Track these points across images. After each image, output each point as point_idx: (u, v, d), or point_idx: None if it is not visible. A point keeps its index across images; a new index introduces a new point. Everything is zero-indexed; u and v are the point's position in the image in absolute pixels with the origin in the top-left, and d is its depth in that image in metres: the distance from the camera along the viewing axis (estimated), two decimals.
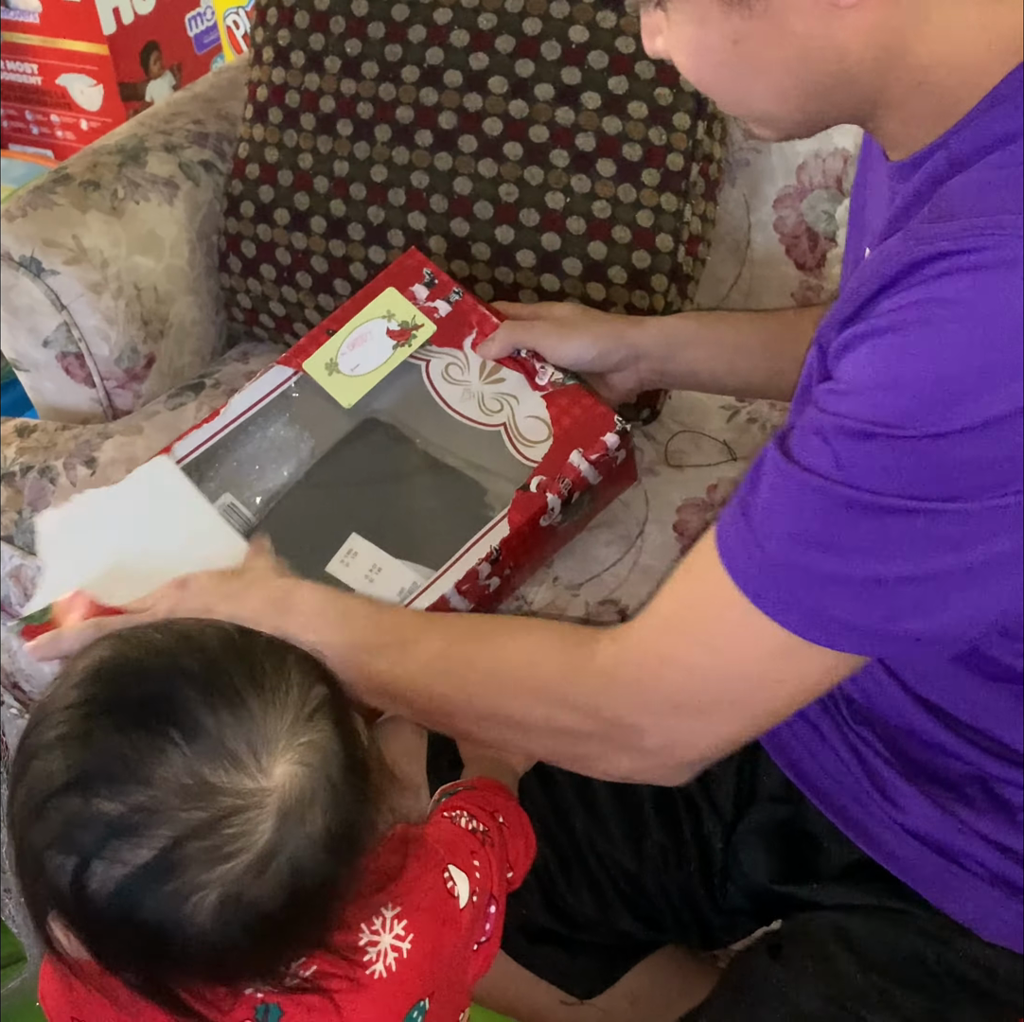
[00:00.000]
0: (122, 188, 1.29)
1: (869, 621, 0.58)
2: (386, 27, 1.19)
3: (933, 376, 0.53)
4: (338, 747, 0.57)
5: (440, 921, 0.65)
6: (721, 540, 0.62)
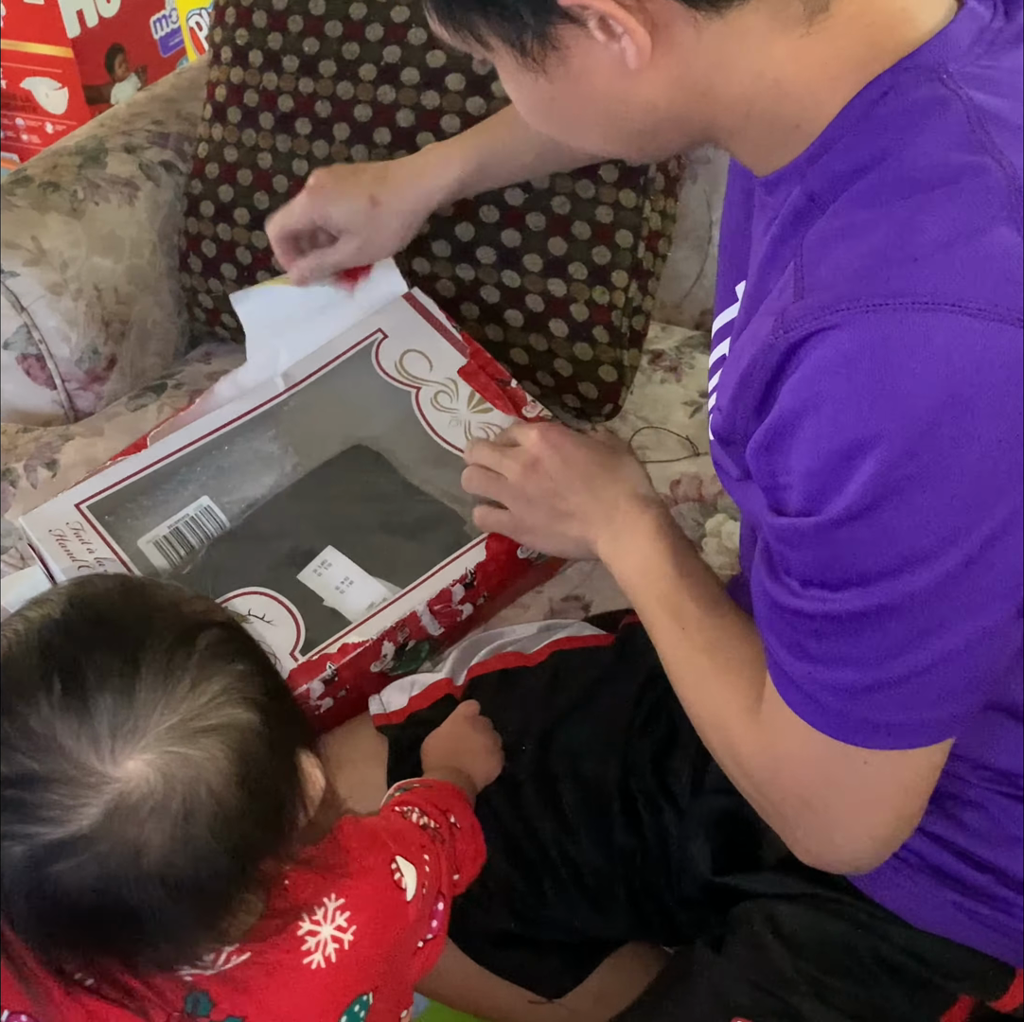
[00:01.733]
0: (82, 189, 1.28)
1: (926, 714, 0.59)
2: (344, 26, 1.19)
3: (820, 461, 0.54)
4: (219, 780, 0.52)
5: (386, 913, 0.64)
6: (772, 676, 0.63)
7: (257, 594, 0.91)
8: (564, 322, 1.17)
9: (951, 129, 0.54)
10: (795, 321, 0.54)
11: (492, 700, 0.90)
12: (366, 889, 0.63)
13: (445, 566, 0.92)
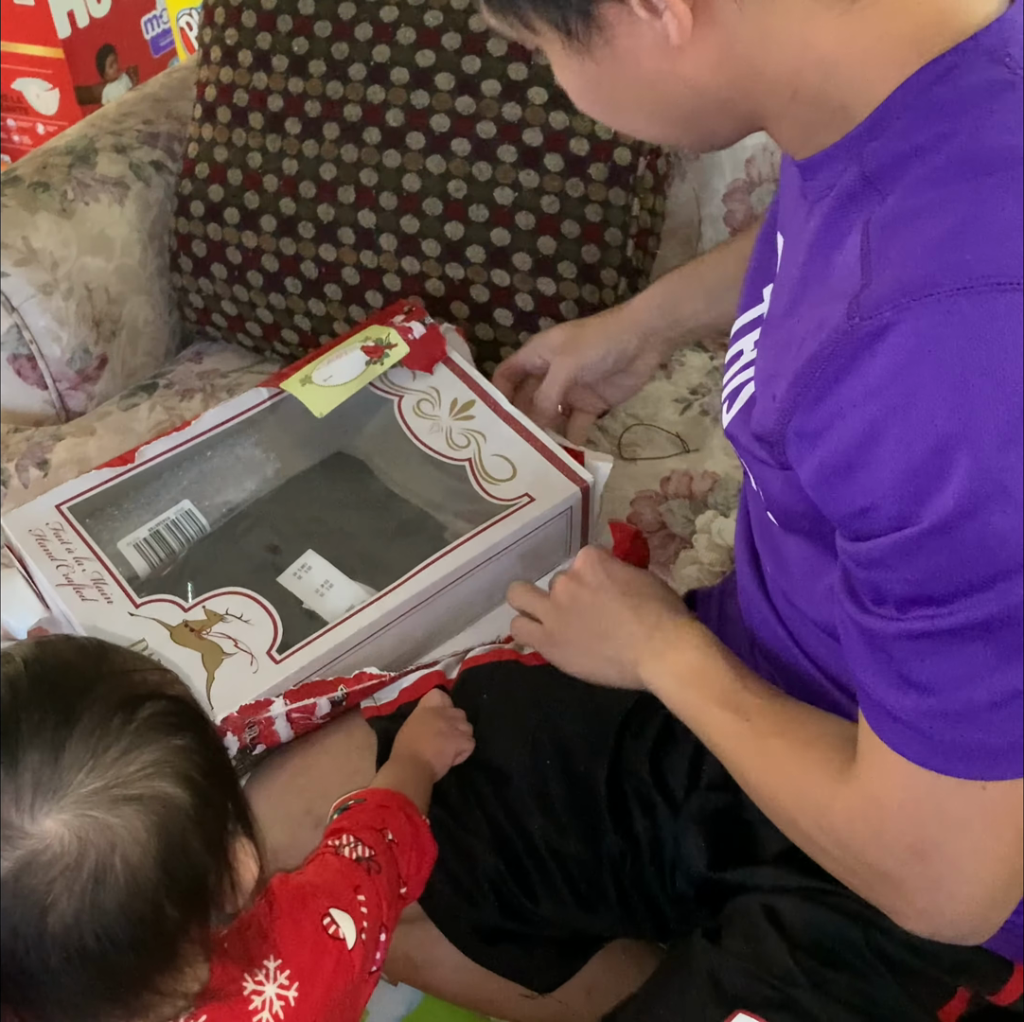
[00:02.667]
0: (72, 189, 1.28)
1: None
2: (333, 25, 1.19)
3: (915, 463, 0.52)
4: (138, 854, 0.51)
5: (327, 967, 0.64)
6: (869, 719, 0.61)
7: (236, 594, 0.91)
8: (554, 321, 1.17)
9: (1016, 112, 0.54)
10: (873, 308, 0.52)
11: (483, 690, 0.91)
12: (300, 947, 0.63)
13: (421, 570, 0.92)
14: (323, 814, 0.84)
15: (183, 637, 0.88)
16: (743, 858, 0.81)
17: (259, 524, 1.02)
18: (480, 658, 0.93)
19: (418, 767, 0.83)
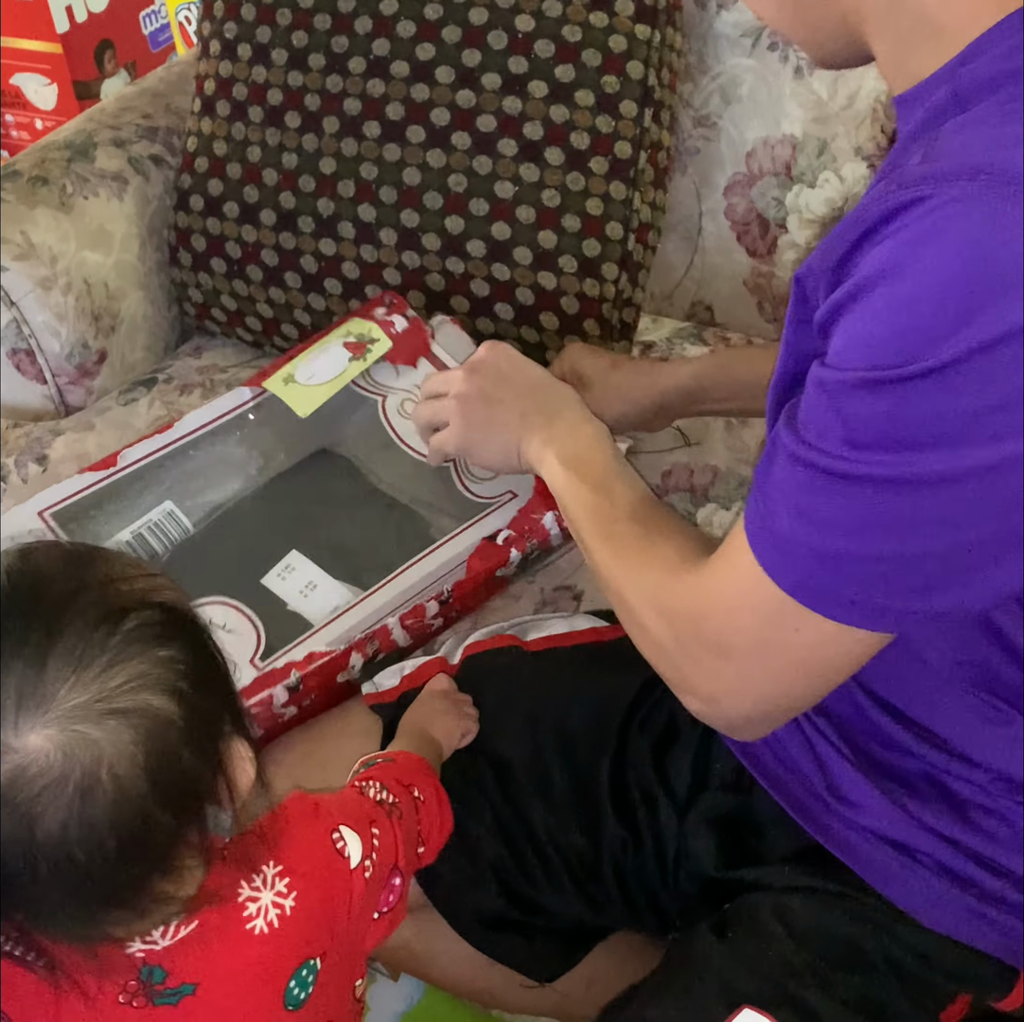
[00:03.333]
0: (71, 183, 1.28)
1: (887, 600, 0.59)
2: (332, 19, 1.19)
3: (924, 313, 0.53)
4: (125, 765, 0.51)
5: (328, 880, 0.63)
6: (747, 514, 0.63)
7: (216, 604, 0.90)
8: (555, 315, 1.17)
9: None
10: (914, 181, 0.53)
11: (485, 676, 0.91)
12: (304, 856, 0.62)
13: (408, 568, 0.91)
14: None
15: None
16: (752, 859, 0.81)
17: (242, 524, 1.01)
18: (482, 644, 0.93)
19: (428, 745, 0.83)
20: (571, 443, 0.83)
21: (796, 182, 1.25)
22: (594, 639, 0.93)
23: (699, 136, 1.27)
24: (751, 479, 1.17)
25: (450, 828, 0.79)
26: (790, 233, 1.26)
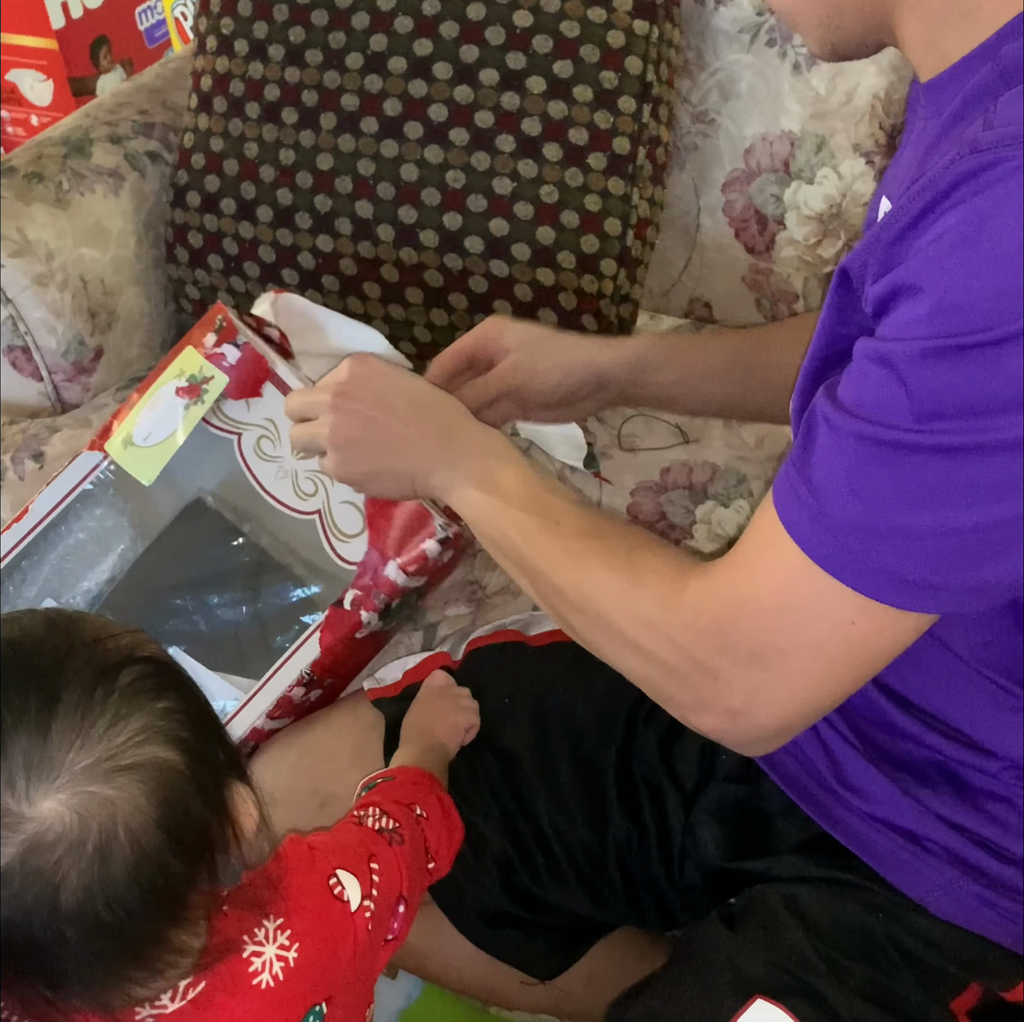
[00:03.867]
0: (67, 180, 1.28)
1: (945, 577, 0.56)
2: (330, 14, 1.19)
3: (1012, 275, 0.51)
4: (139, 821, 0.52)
5: (328, 927, 0.64)
6: (781, 505, 0.59)
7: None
8: (553, 311, 1.17)
9: None
10: (989, 143, 0.52)
11: (489, 671, 0.90)
12: (304, 905, 0.63)
13: (279, 669, 0.87)
14: (329, 794, 0.85)
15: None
16: (760, 849, 0.80)
17: (123, 615, 0.92)
18: (485, 639, 0.93)
19: (434, 749, 0.83)
20: (479, 463, 0.75)
21: (794, 178, 1.25)
22: None
23: (697, 132, 1.27)
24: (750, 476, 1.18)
25: (460, 835, 0.79)
26: (788, 230, 1.26)
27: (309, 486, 0.89)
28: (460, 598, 1.08)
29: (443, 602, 1.08)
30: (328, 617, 0.86)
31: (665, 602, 0.64)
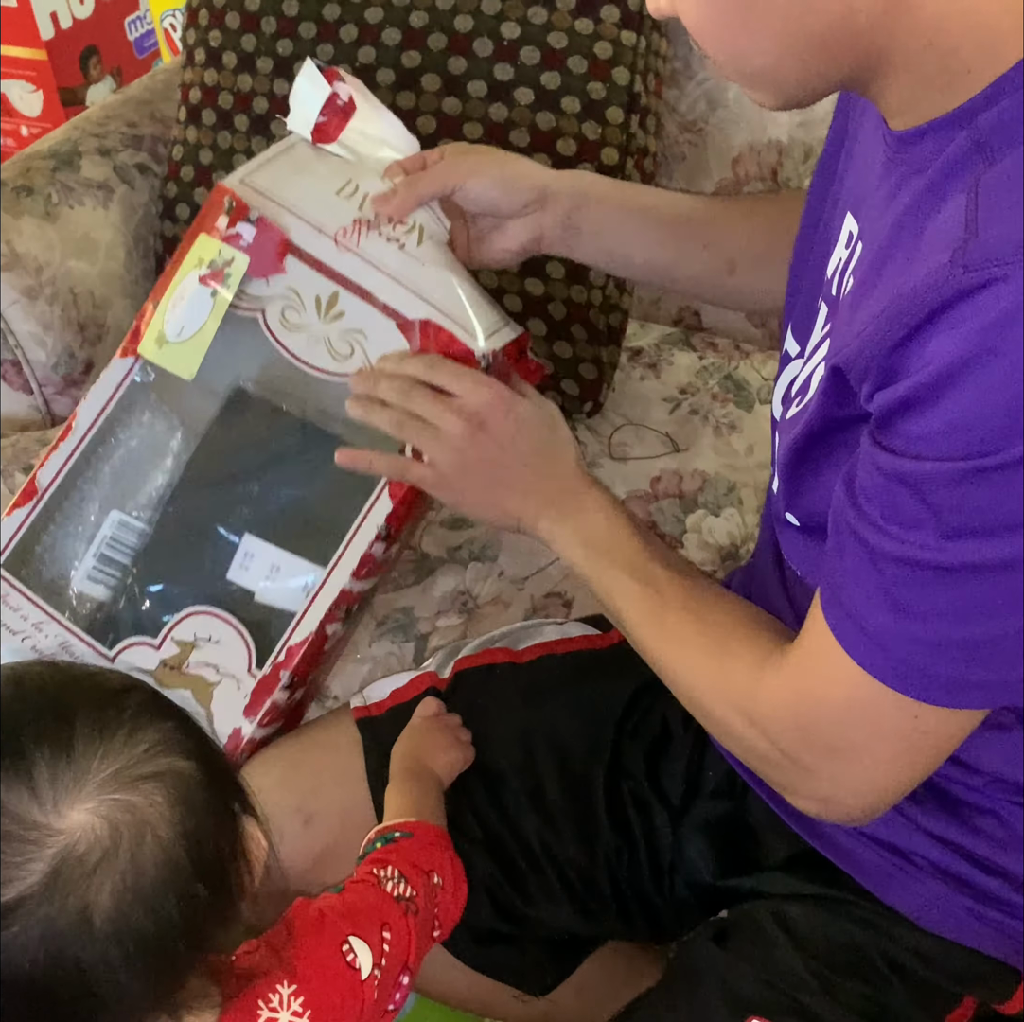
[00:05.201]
0: (56, 193, 1.28)
1: (996, 676, 0.59)
2: (317, 27, 1.19)
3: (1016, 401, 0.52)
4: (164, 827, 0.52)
5: (340, 994, 0.64)
6: (830, 617, 0.62)
7: (198, 614, 0.88)
8: (543, 321, 1.17)
9: None
10: (979, 262, 0.52)
11: (477, 694, 0.90)
12: (316, 972, 0.63)
13: (356, 531, 0.86)
14: (313, 811, 0.84)
15: (168, 678, 0.87)
16: (749, 865, 0.81)
17: (190, 513, 0.93)
18: (472, 659, 0.93)
19: (437, 789, 0.83)
20: (589, 518, 0.77)
21: (782, 187, 1.25)
22: (586, 646, 0.93)
23: (685, 142, 1.28)
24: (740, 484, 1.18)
25: (465, 895, 0.79)
26: None
27: (344, 347, 0.86)
28: (451, 609, 1.08)
29: (435, 613, 1.08)
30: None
31: (752, 696, 0.67)
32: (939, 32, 0.57)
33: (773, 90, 0.63)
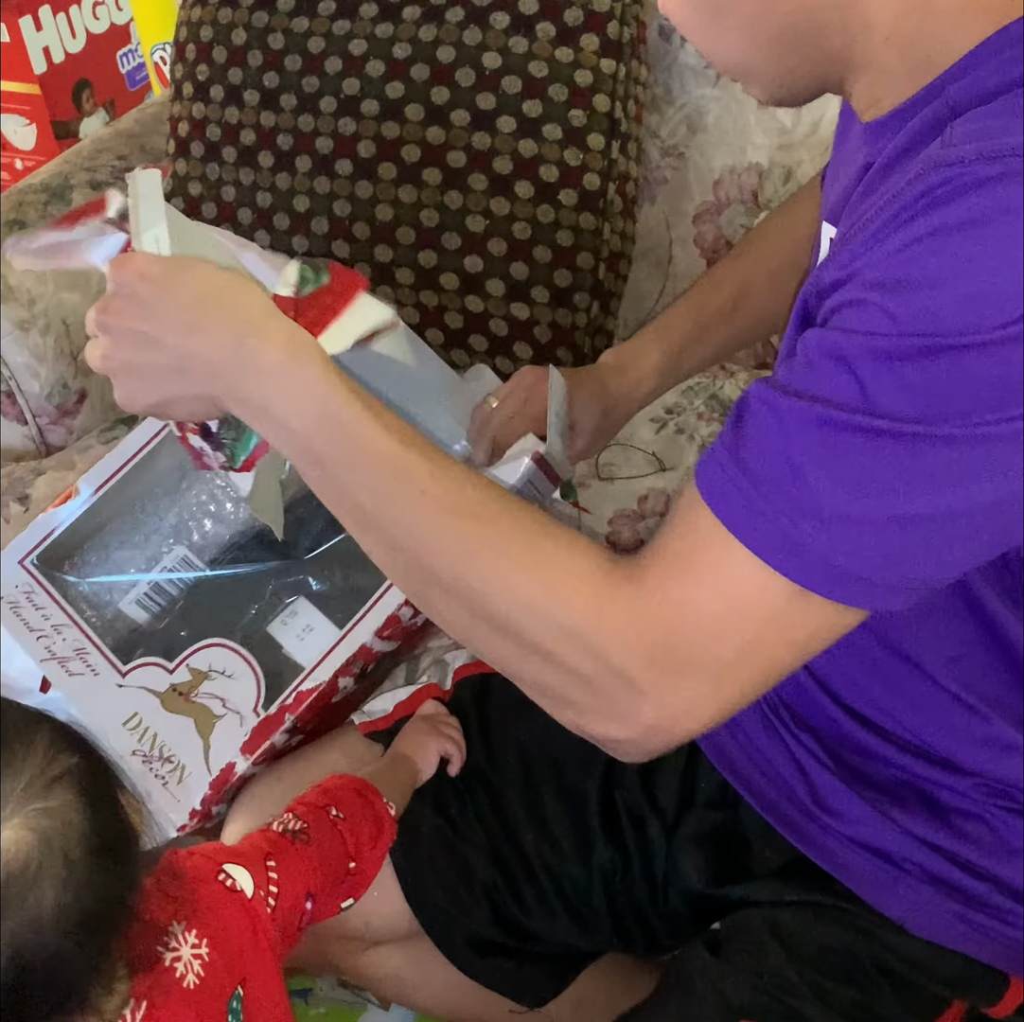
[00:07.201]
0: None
1: (880, 570, 0.54)
2: (303, 59, 1.21)
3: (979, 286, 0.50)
4: (79, 818, 0.56)
5: (228, 917, 0.68)
6: (707, 487, 0.56)
7: (216, 646, 0.90)
8: (528, 345, 1.18)
9: None
10: (952, 160, 0.52)
11: (478, 703, 0.91)
12: (201, 903, 0.66)
13: (387, 592, 0.89)
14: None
15: (173, 703, 0.88)
16: (741, 874, 0.81)
17: (250, 562, 0.99)
18: (471, 667, 0.94)
19: (395, 762, 0.84)
20: (295, 388, 0.61)
21: (763, 209, 1.27)
22: None
23: (667, 166, 1.29)
24: None
25: (391, 837, 0.80)
26: None
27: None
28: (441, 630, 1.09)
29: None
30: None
31: (594, 613, 0.57)
32: (895, 26, 0.58)
33: (758, 85, 0.64)
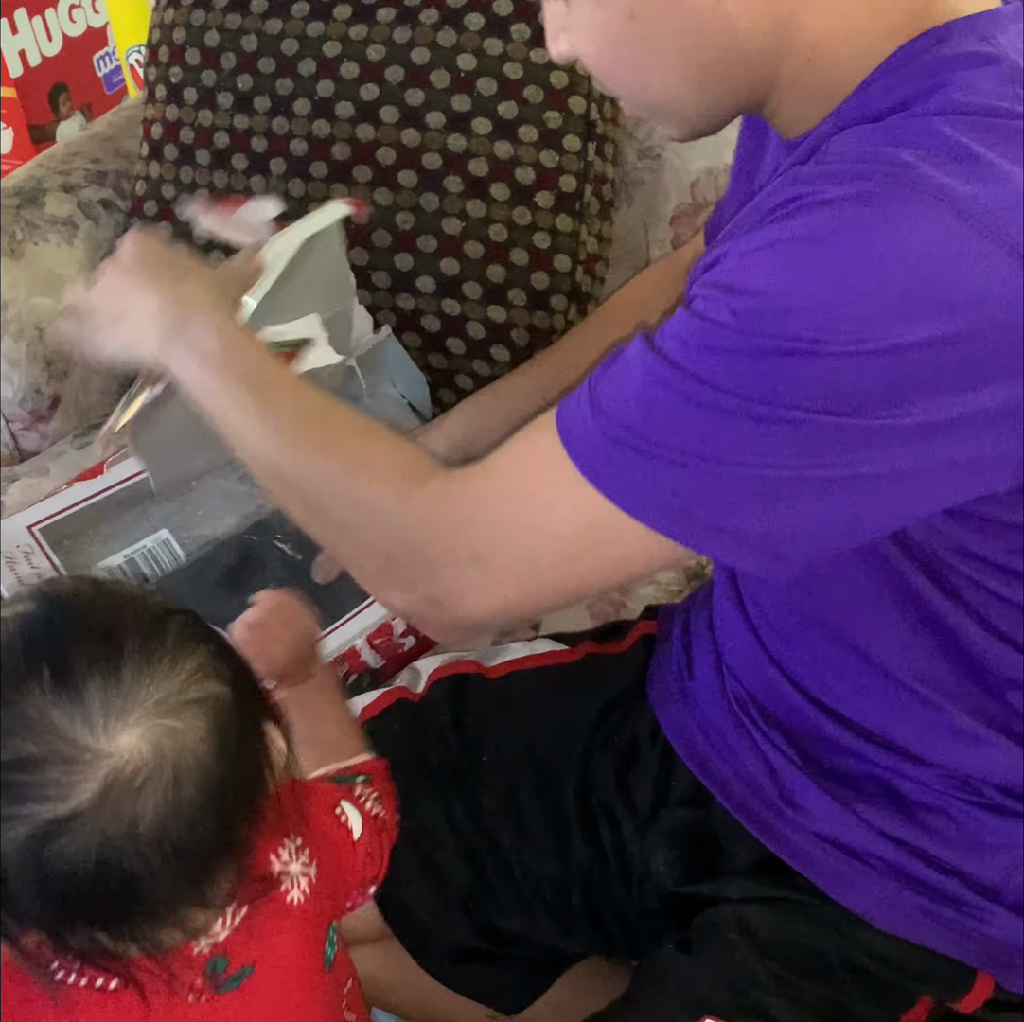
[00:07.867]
0: (20, 230, 1.28)
1: (698, 508, 0.57)
2: (276, 62, 1.20)
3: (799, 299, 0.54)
4: (203, 750, 0.56)
5: (337, 849, 0.68)
6: (560, 410, 0.61)
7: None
8: (506, 348, 1.18)
9: (996, 79, 0.57)
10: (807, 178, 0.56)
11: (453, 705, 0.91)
12: (316, 827, 0.66)
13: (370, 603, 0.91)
14: None
15: None
16: (713, 871, 0.81)
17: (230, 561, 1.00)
18: (446, 669, 0.93)
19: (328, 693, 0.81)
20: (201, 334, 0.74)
21: None
22: (554, 662, 0.94)
23: (644, 168, 1.29)
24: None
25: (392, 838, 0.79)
26: None
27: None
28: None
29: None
30: None
31: (397, 494, 0.65)
32: (816, 49, 0.61)
33: (676, 121, 0.66)
